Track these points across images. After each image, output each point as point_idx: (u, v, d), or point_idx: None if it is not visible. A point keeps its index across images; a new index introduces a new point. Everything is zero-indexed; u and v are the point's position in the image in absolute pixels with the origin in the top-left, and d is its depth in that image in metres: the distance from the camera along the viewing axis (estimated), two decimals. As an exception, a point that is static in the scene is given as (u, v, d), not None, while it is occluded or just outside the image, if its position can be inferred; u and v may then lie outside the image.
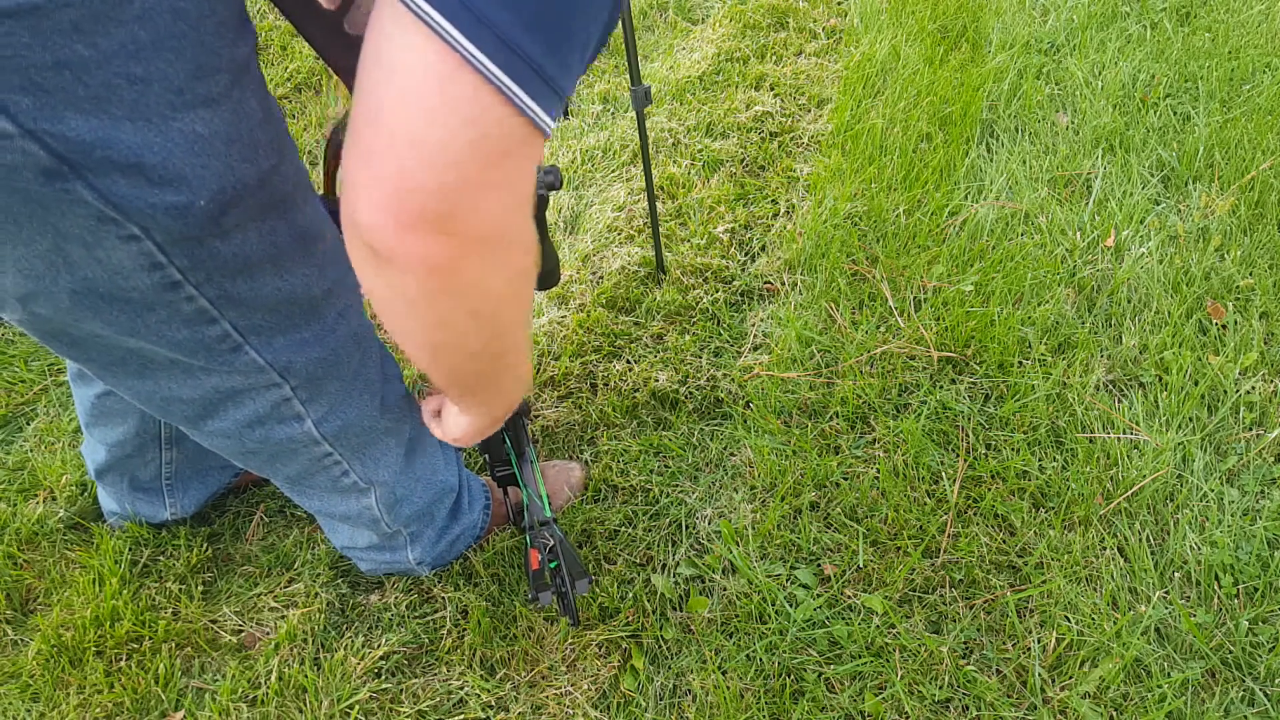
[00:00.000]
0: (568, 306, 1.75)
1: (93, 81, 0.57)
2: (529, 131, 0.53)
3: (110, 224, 0.65)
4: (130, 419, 1.16)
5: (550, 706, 1.16)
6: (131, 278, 0.70)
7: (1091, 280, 1.76)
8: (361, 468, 1.03)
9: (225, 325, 0.79)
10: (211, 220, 0.69)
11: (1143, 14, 2.61)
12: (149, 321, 0.75)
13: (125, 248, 0.67)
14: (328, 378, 0.91)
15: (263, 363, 0.84)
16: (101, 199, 0.63)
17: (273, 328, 0.82)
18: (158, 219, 0.66)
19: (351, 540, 1.20)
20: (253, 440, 0.93)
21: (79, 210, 0.63)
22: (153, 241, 0.68)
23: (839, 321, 1.69)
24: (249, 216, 0.72)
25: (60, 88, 0.56)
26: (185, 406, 0.87)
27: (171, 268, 0.71)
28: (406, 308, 0.61)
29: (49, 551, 1.32)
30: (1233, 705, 1.16)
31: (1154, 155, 2.07)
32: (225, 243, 0.72)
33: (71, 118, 0.58)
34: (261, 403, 0.89)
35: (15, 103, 0.56)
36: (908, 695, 1.17)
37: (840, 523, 1.37)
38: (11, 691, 1.16)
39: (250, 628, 1.25)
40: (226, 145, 0.66)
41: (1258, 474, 1.42)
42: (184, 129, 0.63)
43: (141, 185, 0.63)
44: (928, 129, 2.15)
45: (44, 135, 0.58)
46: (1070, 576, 1.29)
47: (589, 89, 2.39)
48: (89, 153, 0.60)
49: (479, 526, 1.30)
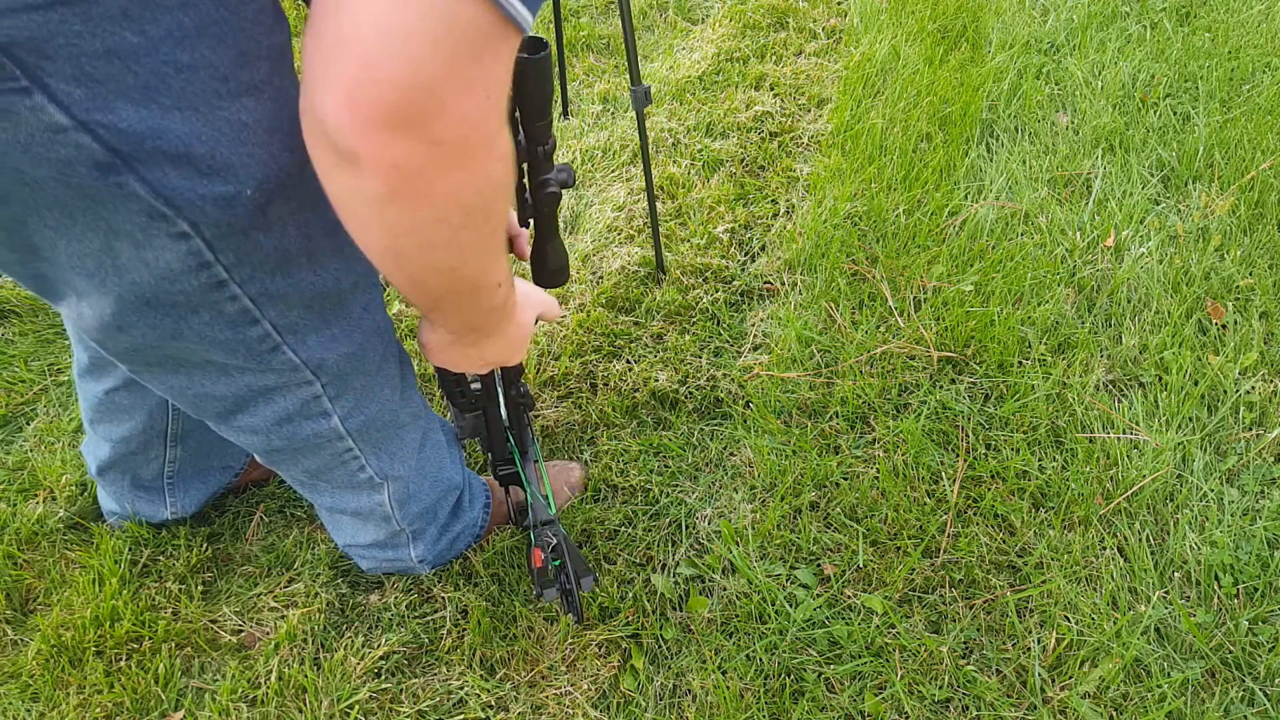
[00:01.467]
0: (568, 306, 1.75)
1: (142, 70, 0.58)
2: (501, 25, 0.50)
3: (161, 221, 0.66)
4: (138, 415, 1.16)
5: (550, 706, 1.16)
6: (179, 281, 0.71)
7: (1091, 280, 1.76)
8: (378, 462, 1.05)
9: (266, 325, 0.80)
10: (258, 210, 0.69)
11: (1143, 14, 2.61)
12: (193, 324, 0.76)
13: (174, 247, 0.68)
14: (355, 373, 0.92)
15: (298, 361, 0.85)
16: (153, 192, 0.63)
17: (307, 325, 0.83)
18: (206, 211, 0.66)
19: (354, 537, 1.20)
20: (280, 437, 0.94)
21: (131, 206, 0.64)
22: (201, 239, 0.68)
23: (839, 321, 1.69)
24: (290, 210, 0.73)
25: (111, 77, 0.57)
26: (218, 403, 0.88)
27: (218, 266, 0.71)
28: (369, 212, 0.58)
29: (49, 551, 1.32)
30: (1233, 705, 1.16)
31: (1154, 155, 2.07)
32: (267, 235, 0.72)
33: (122, 108, 0.58)
34: (292, 400, 0.90)
35: (68, 94, 0.56)
36: (908, 695, 1.17)
37: (840, 523, 1.37)
38: (11, 691, 1.16)
39: (250, 628, 1.25)
40: (269, 133, 0.67)
41: (1258, 474, 1.42)
42: (230, 118, 0.63)
43: (191, 176, 0.64)
44: (928, 129, 2.15)
45: (96, 127, 0.58)
46: (1070, 576, 1.29)
47: (589, 89, 2.40)
48: (140, 144, 0.60)
49: (479, 525, 1.30)
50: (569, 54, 2.56)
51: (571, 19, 2.69)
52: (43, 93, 0.56)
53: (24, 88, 0.55)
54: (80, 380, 1.16)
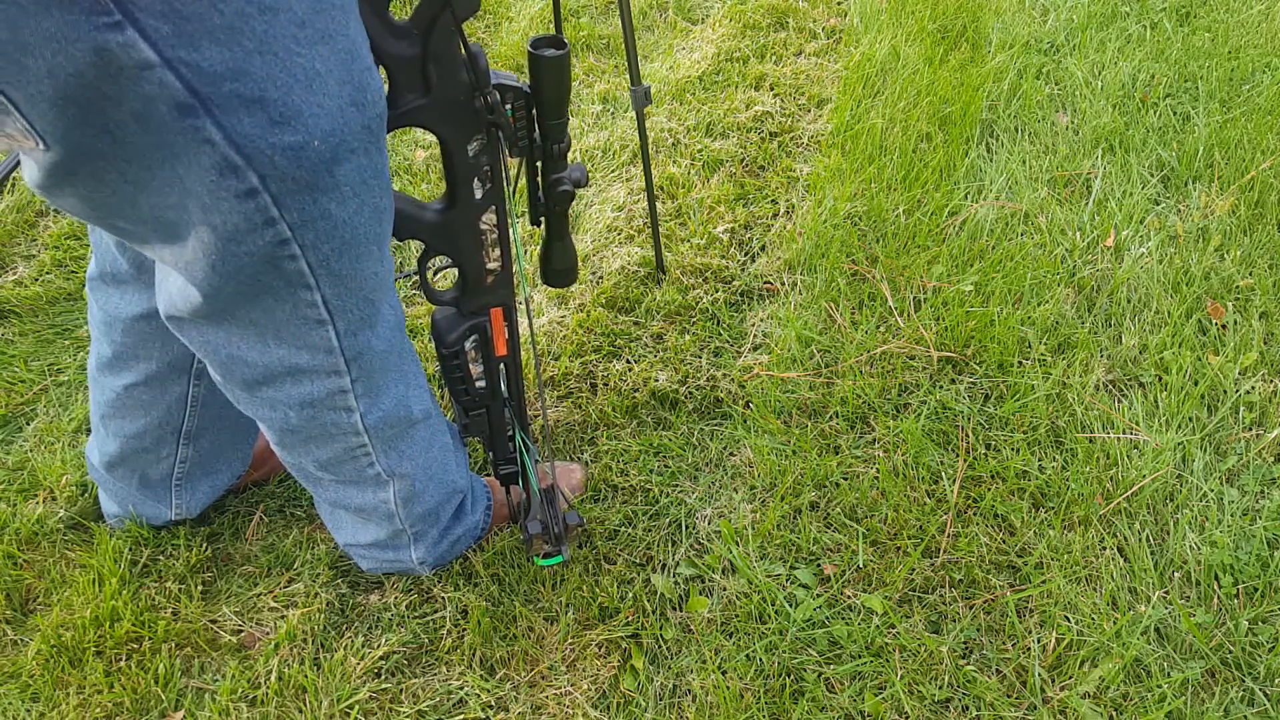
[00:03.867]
0: (568, 306, 1.75)
1: (227, 9, 0.59)
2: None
3: (231, 176, 0.67)
4: (155, 411, 1.16)
5: (550, 706, 1.16)
6: (244, 241, 0.73)
7: (1091, 280, 1.76)
8: (387, 459, 1.05)
9: (318, 295, 0.81)
10: (325, 167, 0.71)
11: (1143, 14, 2.61)
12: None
13: (241, 206, 0.70)
14: (380, 369, 0.94)
15: (337, 347, 0.87)
16: (227, 139, 0.65)
17: (356, 315, 0.85)
18: (275, 161, 0.68)
19: (355, 537, 1.20)
20: (299, 418, 0.94)
21: (204, 159, 0.66)
22: (269, 194, 0.70)
23: (839, 321, 1.69)
24: (359, 179, 0.74)
25: (198, 15, 0.58)
26: (248, 369, 0.89)
27: (282, 223, 0.73)
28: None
29: (49, 551, 1.32)
30: (1233, 705, 1.16)
31: (1154, 155, 2.07)
32: (338, 203, 0.74)
33: (207, 47, 0.60)
34: (319, 387, 0.91)
35: (156, 29, 0.58)
36: (908, 695, 1.17)
37: (840, 523, 1.37)
38: (11, 691, 1.16)
39: (250, 628, 1.25)
40: (340, 85, 0.69)
41: (1258, 474, 1.42)
42: (305, 65, 0.65)
43: (263, 123, 0.66)
44: (928, 129, 2.15)
45: (180, 65, 0.60)
46: (1070, 576, 1.29)
47: (589, 89, 2.40)
48: (219, 85, 0.62)
49: (480, 528, 1.30)
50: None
51: (571, 19, 2.69)
52: (134, 27, 0.57)
53: (117, 22, 0.57)
54: (98, 374, 1.15)
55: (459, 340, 1.07)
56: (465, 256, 1.00)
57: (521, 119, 0.94)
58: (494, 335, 1.08)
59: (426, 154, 2.15)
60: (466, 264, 1.00)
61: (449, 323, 1.07)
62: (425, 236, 0.96)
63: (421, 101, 0.83)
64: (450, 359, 1.08)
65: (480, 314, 1.06)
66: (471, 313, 1.06)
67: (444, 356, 1.08)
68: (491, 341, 1.09)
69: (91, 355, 1.15)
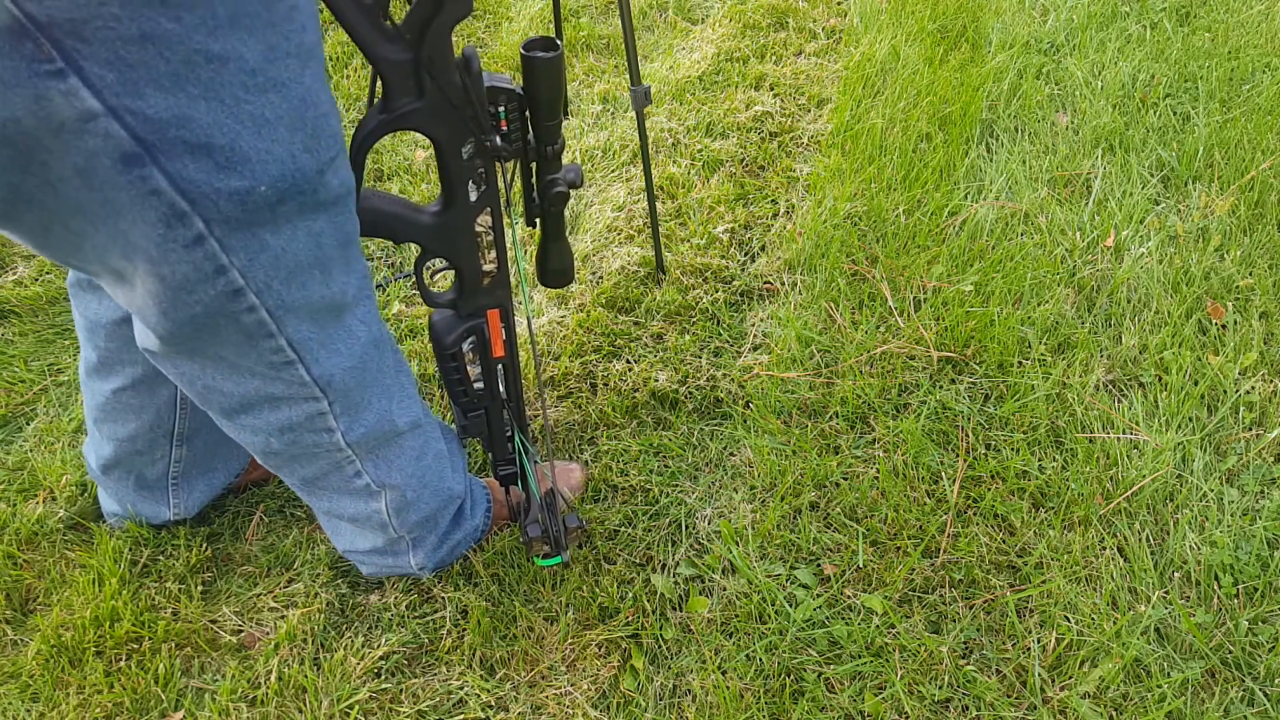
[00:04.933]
0: (568, 306, 1.75)
1: (173, 57, 0.59)
2: None
3: (179, 225, 0.66)
4: (145, 414, 1.16)
5: (550, 706, 1.16)
6: (196, 291, 0.72)
7: (1091, 280, 1.76)
8: (375, 470, 1.04)
9: (282, 341, 0.81)
10: (268, 207, 0.70)
11: (1143, 14, 2.61)
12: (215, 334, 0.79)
13: (189, 256, 0.69)
14: (357, 387, 0.93)
15: (309, 379, 0.87)
16: (173, 185, 0.64)
17: (315, 340, 0.84)
18: (220, 206, 0.67)
19: (354, 543, 1.20)
20: (280, 442, 0.94)
21: (150, 212, 0.65)
22: (214, 238, 0.69)
23: (839, 321, 1.69)
24: (300, 212, 0.73)
25: (144, 62, 0.58)
26: (224, 399, 0.89)
27: (234, 271, 0.72)
28: None
29: (49, 551, 1.32)
30: (1232, 705, 1.16)
31: (1154, 155, 2.07)
32: (275, 235, 0.73)
33: (152, 94, 0.59)
34: (298, 412, 0.91)
35: (101, 77, 0.57)
36: (908, 695, 1.17)
37: (840, 523, 1.37)
38: (11, 691, 1.16)
39: (250, 628, 1.25)
40: (290, 132, 0.67)
41: (1258, 474, 1.42)
42: (253, 112, 0.64)
43: (209, 169, 0.65)
44: (928, 129, 2.15)
45: (125, 113, 0.59)
46: (1070, 576, 1.29)
47: (589, 89, 2.40)
48: (164, 132, 0.61)
49: (480, 530, 1.30)
50: (569, 54, 2.56)
51: (571, 19, 2.69)
52: (77, 75, 0.56)
53: (59, 70, 0.56)
54: (87, 379, 1.15)
55: (456, 342, 1.07)
56: (461, 258, 1.00)
57: (515, 121, 0.94)
58: (491, 337, 1.08)
59: (426, 154, 2.15)
60: (463, 266, 1.01)
61: (446, 324, 1.07)
62: (421, 239, 0.96)
63: (416, 105, 0.83)
64: (448, 360, 1.08)
65: (477, 315, 1.07)
66: (469, 314, 1.06)
67: (442, 358, 1.08)
68: (489, 343, 1.09)
69: (81, 360, 1.15)
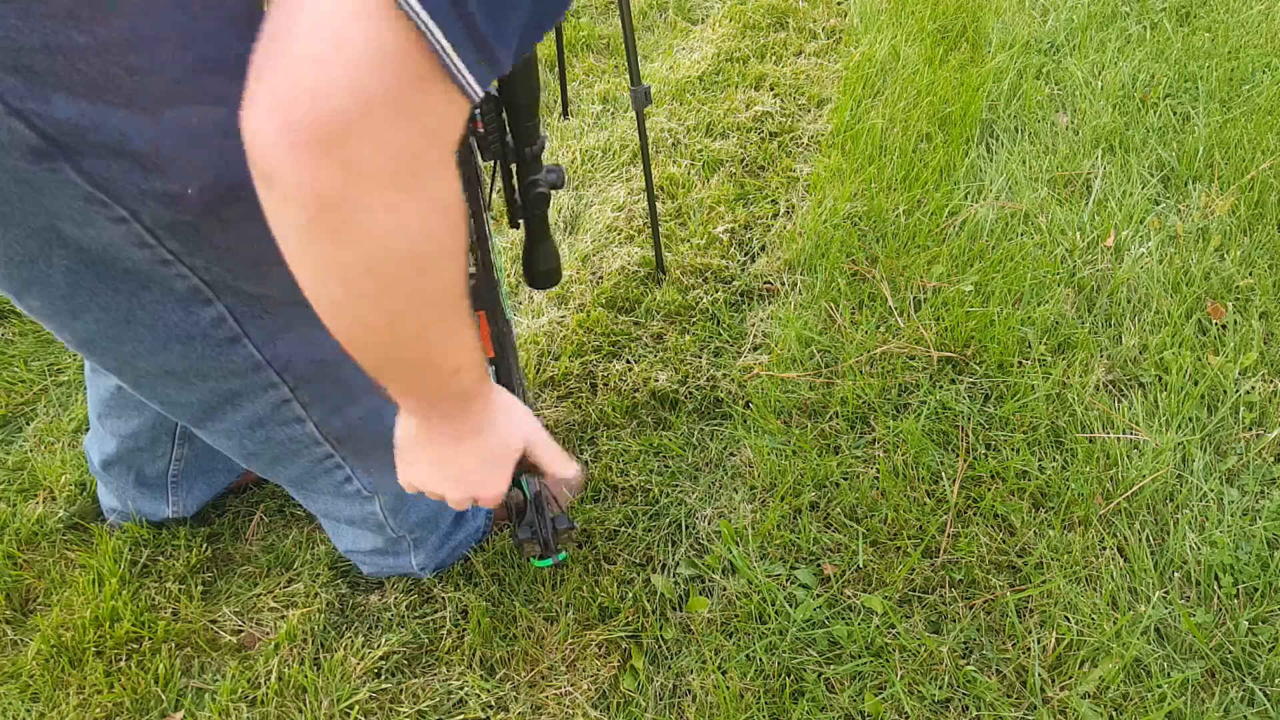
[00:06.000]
0: (568, 306, 1.75)
1: (89, 69, 0.57)
2: (438, 72, 0.46)
3: (99, 205, 0.65)
4: (148, 411, 1.16)
5: (550, 706, 1.16)
6: (124, 251, 0.70)
7: (1091, 280, 1.76)
8: (365, 475, 1.03)
9: (220, 308, 0.77)
10: (208, 210, 0.68)
11: (1142, 14, 2.61)
12: (144, 301, 0.74)
13: (115, 228, 0.67)
14: (327, 380, 0.90)
15: (261, 359, 0.83)
16: (90, 181, 0.62)
17: (278, 325, 0.81)
18: (147, 204, 0.65)
19: (354, 544, 1.20)
20: (254, 442, 0.93)
21: (68, 191, 0.63)
22: (141, 224, 0.67)
23: (839, 321, 1.69)
24: (249, 215, 0.72)
25: (51, 71, 0.56)
26: (185, 410, 0.88)
27: (161, 248, 0.70)
28: (295, 246, 0.52)
29: (49, 551, 1.32)
30: (1232, 705, 1.16)
31: (1154, 155, 2.07)
32: (224, 234, 0.71)
33: (59, 100, 0.58)
34: (261, 404, 0.88)
35: (1, 81, 0.56)
36: (908, 695, 1.17)
37: (840, 523, 1.37)
38: (11, 691, 1.16)
39: (250, 628, 1.25)
40: (223, 138, 0.63)
41: (1258, 474, 1.42)
42: (177, 118, 0.62)
43: (132, 170, 0.63)
44: (928, 129, 2.15)
45: (30, 115, 0.58)
46: (1070, 576, 1.29)
47: (589, 89, 2.39)
48: (80, 135, 0.60)
49: (481, 531, 1.30)
50: (569, 54, 2.55)
51: (571, 19, 2.69)
52: None
53: None
54: (92, 374, 1.15)
55: None
56: None
57: (493, 122, 0.94)
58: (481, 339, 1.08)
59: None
60: None
61: None
62: None
63: None
64: None
65: None
66: None
67: None
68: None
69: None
